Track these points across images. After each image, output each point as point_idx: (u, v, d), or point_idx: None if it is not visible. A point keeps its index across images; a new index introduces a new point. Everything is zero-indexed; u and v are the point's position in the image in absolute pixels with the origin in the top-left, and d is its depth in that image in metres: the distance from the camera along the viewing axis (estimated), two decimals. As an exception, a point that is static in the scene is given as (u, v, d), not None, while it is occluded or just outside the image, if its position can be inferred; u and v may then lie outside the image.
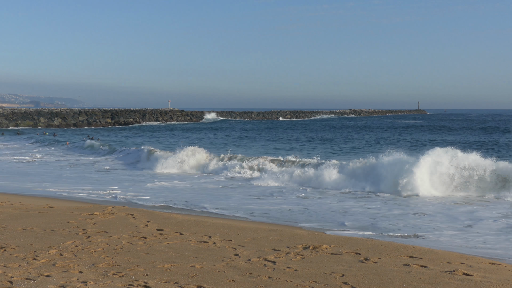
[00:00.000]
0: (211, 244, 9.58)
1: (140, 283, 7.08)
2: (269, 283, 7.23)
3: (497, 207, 15.48)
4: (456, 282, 7.40)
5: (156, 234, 10.39)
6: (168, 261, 8.28)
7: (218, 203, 16.17)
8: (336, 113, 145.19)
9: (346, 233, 11.89)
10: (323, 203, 16.25)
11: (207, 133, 59.70)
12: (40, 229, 10.62)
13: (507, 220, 13.54)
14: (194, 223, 11.68)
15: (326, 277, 7.51)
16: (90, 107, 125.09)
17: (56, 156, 33.01)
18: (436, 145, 40.60)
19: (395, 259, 8.63)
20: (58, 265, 7.89)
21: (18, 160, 30.21)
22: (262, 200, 16.86)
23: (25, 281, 7.03)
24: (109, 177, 22.91)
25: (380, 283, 7.31)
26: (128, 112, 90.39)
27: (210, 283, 7.17)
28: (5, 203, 14.09)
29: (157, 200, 16.60)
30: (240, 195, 17.90)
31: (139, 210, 13.40)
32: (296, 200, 16.90)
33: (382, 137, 50.89)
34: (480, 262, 8.70)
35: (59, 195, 17.38)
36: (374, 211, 14.92)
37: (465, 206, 15.71)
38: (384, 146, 37.29)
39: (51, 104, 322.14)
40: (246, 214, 14.36)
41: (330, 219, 13.79)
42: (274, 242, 9.85)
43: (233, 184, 20.99)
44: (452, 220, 13.55)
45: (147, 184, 20.48)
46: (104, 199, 16.84)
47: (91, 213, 12.56)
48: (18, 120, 74.20)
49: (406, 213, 14.56)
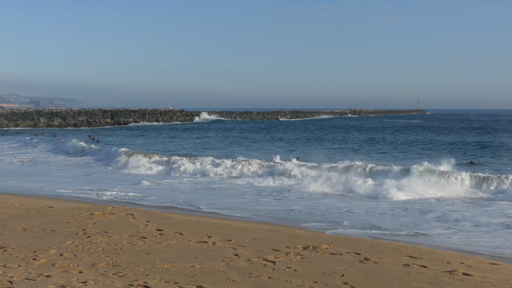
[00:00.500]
0: (211, 244, 9.58)
1: (140, 283, 7.08)
2: (269, 283, 7.23)
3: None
4: (456, 282, 7.40)
5: (156, 234, 10.39)
6: (168, 261, 8.28)
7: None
8: (336, 113, 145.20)
9: (323, 229, 11.91)
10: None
11: (200, 133, 59.81)
12: (40, 229, 10.62)
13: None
14: (194, 223, 11.68)
15: (326, 277, 7.52)
16: (90, 107, 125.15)
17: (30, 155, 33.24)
18: (416, 145, 40.71)
19: (395, 259, 8.63)
20: (58, 265, 7.89)
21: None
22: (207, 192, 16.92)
23: (25, 281, 7.03)
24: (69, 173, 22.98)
25: (380, 283, 7.31)
26: (128, 112, 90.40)
27: (210, 283, 7.18)
28: (5, 203, 14.09)
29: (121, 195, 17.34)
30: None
31: (139, 210, 13.40)
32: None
33: (373, 138, 50.60)
34: (480, 262, 8.71)
35: (28, 193, 17.41)
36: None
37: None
38: (364, 149, 37.65)
39: (51, 104, 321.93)
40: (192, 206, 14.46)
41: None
42: (274, 242, 9.85)
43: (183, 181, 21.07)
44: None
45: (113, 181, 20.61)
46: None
47: (91, 213, 12.56)
48: (18, 120, 74.16)
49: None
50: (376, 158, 30.28)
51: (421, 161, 21.82)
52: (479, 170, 21.62)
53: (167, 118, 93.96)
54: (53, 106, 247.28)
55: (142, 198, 17.23)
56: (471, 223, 13.22)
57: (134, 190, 18.88)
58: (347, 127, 76.24)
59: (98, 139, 46.21)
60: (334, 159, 26.99)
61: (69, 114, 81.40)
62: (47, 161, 29.87)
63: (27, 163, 28.84)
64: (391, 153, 34.81)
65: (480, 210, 15.23)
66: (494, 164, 27.34)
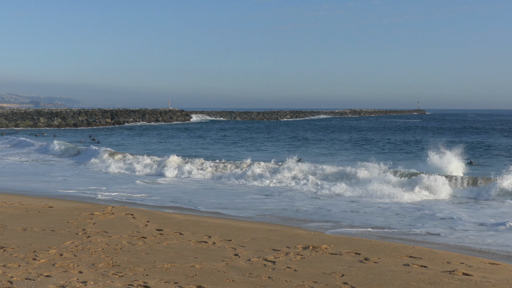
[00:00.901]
0: (211, 244, 9.58)
1: (140, 283, 7.08)
2: (269, 283, 7.23)
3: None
4: (456, 282, 7.40)
5: (156, 234, 10.39)
6: (168, 261, 8.28)
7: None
8: (336, 113, 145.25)
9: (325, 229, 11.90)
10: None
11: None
12: (40, 229, 10.62)
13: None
14: (194, 223, 11.67)
15: (326, 277, 7.51)
16: (90, 107, 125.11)
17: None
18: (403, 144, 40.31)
19: (395, 259, 8.63)
20: (58, 265, 7.89)
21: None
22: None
23: (24, 281, 7.02)
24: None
25: (380, 283, 7.31)
26: (127, 112, 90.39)
27: (210, 283, 7.17)
28: (4, 203, 14.09)
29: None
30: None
31: (139, 210, 13.40)
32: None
33: (365, 137, 50.51)
34: (480, 262, 8.71)
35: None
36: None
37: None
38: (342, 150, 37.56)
39: (50, 104, 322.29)
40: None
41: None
42: (274, 242, 9.85)
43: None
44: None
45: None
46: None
47: (91, 213, 12.56)
48: (17, 120, 74.13)
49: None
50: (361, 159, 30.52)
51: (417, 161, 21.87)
52: (479, 170, 21.67)
53: (167, 118, 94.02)
54: (53, 106, 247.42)
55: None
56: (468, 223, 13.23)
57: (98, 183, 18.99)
58: (344, 127, 76.43)
59: (99, 140, 46.20)
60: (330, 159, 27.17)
61: (69, 114, 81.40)
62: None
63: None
64: (387, 153, 34.85)
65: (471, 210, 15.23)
66: (494, 165, 27.44)
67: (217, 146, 41.16)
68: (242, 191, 19.07)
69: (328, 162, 25.77)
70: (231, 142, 46.29)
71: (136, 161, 26.69)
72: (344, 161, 27.19)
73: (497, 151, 34.93)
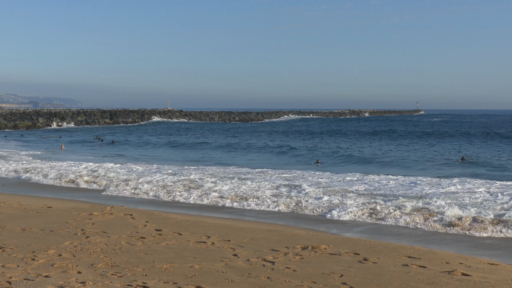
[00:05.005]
0: (210, 244, 9.58)
1: (139, 283, 7.07)
2: (268, 283, 7.22)
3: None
4: (455, 282, 7.39)
5: (155, 234, 10.38)
6: (166, 261, 8.27)
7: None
8: (303, 113, 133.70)
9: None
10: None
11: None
12: (39, 229, 10.60)
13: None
14: (193, 223, 11.67)
15: (325, 278, 7.51)
16: (89, 107, 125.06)
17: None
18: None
19: (394, 259, 8.63)
20: (57, 266, 7.88)
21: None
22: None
23: (23, 281, 7.01)
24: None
25: (379, 283, 7.31)
26: (126, 112, 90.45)
27: (209, 283, 7.17)
28: (3, 203, 14.07)
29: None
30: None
31: (138, 210, 13.39)
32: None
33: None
34: (479, 262, 8.71)
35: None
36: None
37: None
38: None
39: (49, 104, 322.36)
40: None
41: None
42: (273, 242, 9.85)
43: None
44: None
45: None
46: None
47: (90, 213, 12.54)
48: (16, 121, 74.09)
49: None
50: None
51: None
52: (472, 167, 22.54)
53: (166, 118, 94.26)
54: (51, 106, 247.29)
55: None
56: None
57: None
58: (290, 131, 65.84)
59: (102, 141, 46.62)
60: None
61: (67, 114, 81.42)
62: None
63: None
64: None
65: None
66: (489, 162, 27.74)
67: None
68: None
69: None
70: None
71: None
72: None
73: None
